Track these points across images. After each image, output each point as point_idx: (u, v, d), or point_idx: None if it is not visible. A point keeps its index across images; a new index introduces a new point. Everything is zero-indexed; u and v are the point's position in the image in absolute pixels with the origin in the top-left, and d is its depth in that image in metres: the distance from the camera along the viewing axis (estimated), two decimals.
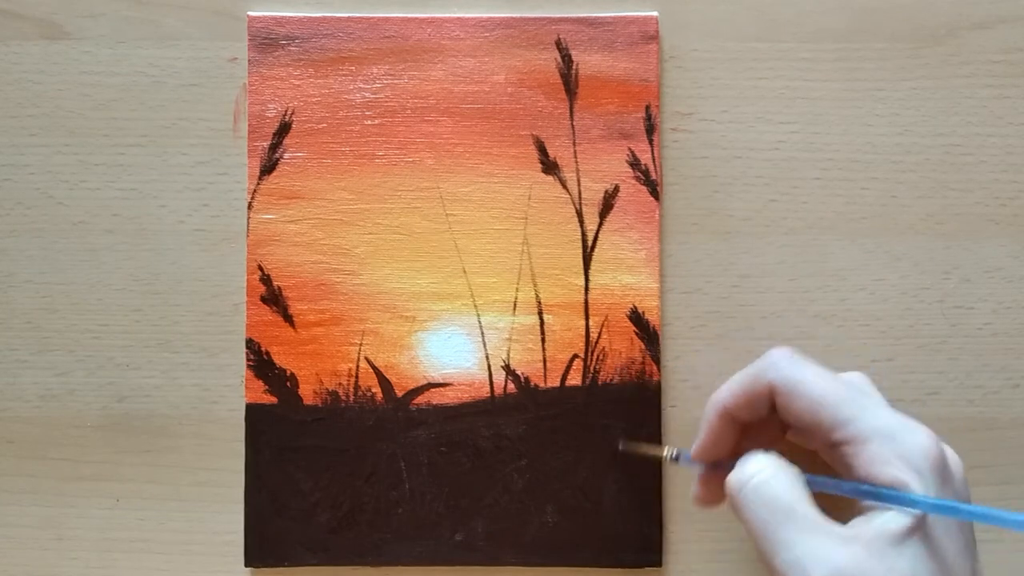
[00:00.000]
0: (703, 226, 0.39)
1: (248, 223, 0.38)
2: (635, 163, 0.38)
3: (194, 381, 0.38)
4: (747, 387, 0.32)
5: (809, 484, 0.30)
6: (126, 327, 0.38)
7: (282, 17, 0.38)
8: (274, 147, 0.38)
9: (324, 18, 0.38)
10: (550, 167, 0.38)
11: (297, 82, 0.38)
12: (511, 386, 0.38)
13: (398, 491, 0.37)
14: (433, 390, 0.38)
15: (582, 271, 0.38)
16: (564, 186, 0.38)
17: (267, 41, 0.38)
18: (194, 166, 0.39)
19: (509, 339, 0.38)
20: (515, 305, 0.38)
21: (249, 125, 0.38)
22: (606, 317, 0.38)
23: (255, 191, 0.38)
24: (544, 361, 0.38)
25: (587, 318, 0.38)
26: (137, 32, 0.39)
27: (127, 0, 0.39)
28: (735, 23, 0.39)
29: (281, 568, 0.37)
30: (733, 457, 0.32)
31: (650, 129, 0.38)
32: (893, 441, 0.29)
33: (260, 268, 0.38)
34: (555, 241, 0.38)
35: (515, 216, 0.38)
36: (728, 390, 0.32)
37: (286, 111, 0.38)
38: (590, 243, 0.38)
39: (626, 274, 0.38)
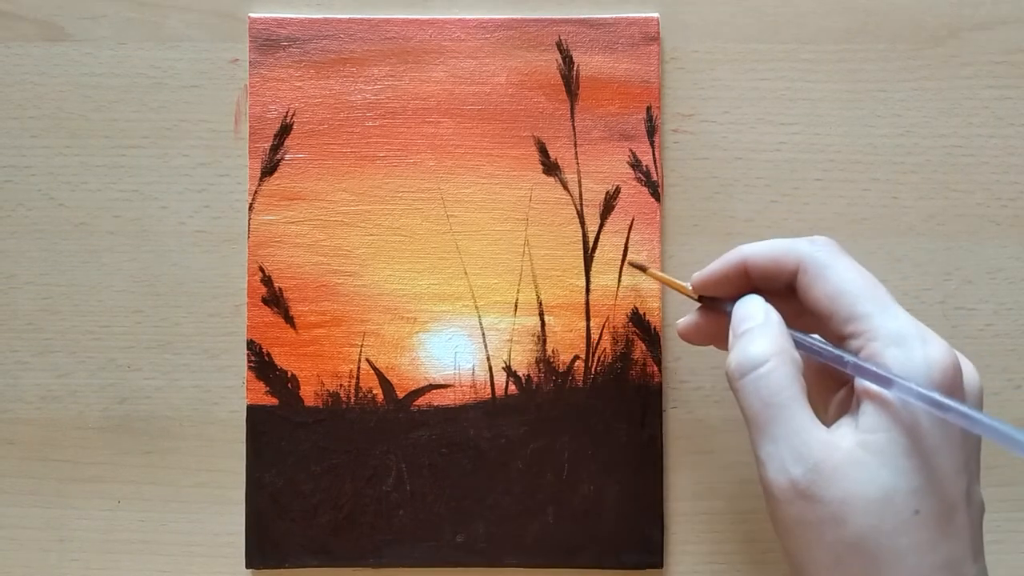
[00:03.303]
0: (704, 227, 0.39)
1: (249, 224, 0.38)
2: (636, 164, 0.38)
3: (195, 382, 0.38)
4: (776, 252, 0.31)
5: (800, 343, 0.30)
6: (127, 328, 0.38)
7: (283, 19, 0.38)
8: (275, 148, 0.38)
9: (325, 20, 0.38)
10: (551, 168, 0.38)
11: (298, 83, 0.38)
12: (512, 387, 0.38)
13: (399, 492, 0.37)
14: (434, 391, 0.38)
15: (583, 272, 0.38)
16: (565, 187, 0.38)
17: (268, 43, 0.38)
18: (195, 167, 0.39)
19: (510, 340, 0.38)
20: (516, 306, 0.38)
21: (250, 126, 0.38)
22: (607, 318, 0.38)
23: (256, 192, 0.38)
24: (545, 362, 0.38)
25: (588, 319, 0.38)
26: (138, 34, 0.39)
27: (128, 2, 0.39)
28: (736, 24, 0.39)
29: (282, 569, 0.37)
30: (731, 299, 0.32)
31: (651, 130, 0.38)
32: (902, 346, 0.28)
33: (261, 269, 0.38)
34: (556, 242, 0.38)
35: (516, 217, 0.38)
36: (759, 245, 0.32)
37: (287, 112, 0.38)
38: (591, 244, 0.38)
39: (627, 275, 0.38)
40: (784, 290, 0.31)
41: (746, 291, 0.32)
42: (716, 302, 0.33)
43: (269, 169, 0.38)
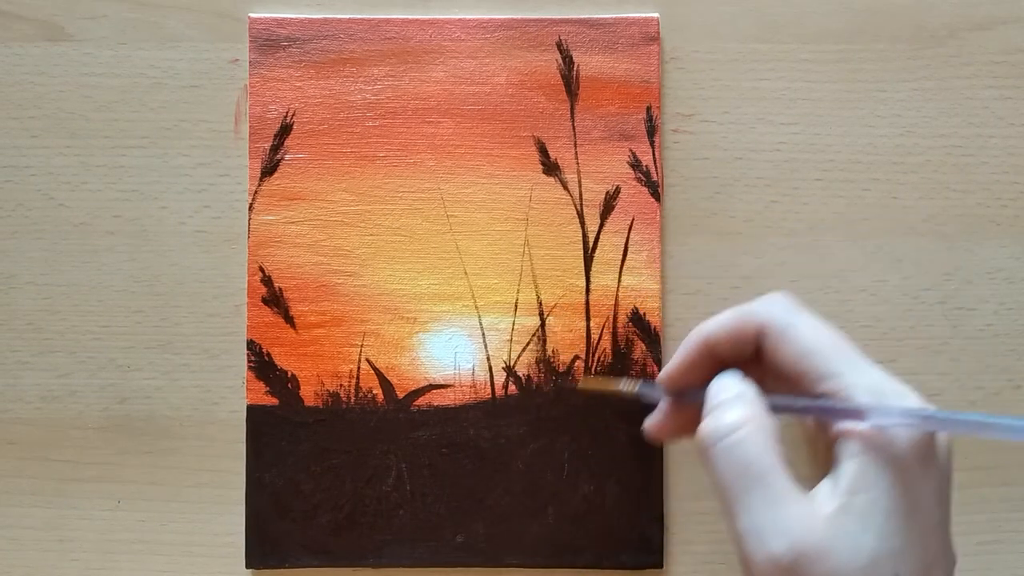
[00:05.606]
0: (704, 227, 0.39)
1: (249, 224, 0.38)
2: (636, 164, 0.38)
3: (195, 382, 0.38)
4: (736, 322, 0.31)
5: (775, 408, 0.29)
6: (127, 328, 0.38)
7: (283, 19, 0.38)
8: (275, 148, 0.38)
9: (325, 20, 0.38)
10: (551, 168, 0.38)
11: (298, 83, 0.38)
12: (512, 387, 0.38)
13: (399, 493, 0.37)
14: (434, 391, 0.38)
15: (583, 272, 0.38)
16: (565, 187, 0.38)
17: (268, 43, 0.38)
18: (195, 167, 0.39)
19: (510, 340, 0.38)
20: (516, 306, 0.38)
21: (250, 126, 0.38)
22: (607, 318, 0.38)
23: (256, 192, 0.38)
24: (545, 362, 0.38)
25: (588, 319, 0.38)
26: (138, 34, 0.39)
27: (128, 2, 0.39)
28: (736, 24, 0.39)
29: (282, 569, 0.37)
30: (703, 386, 0.31)
31: (651, 130, 0.38)
32: (880, 399, 0.27)
33: (261, 269, 0.38)
34: (556, 242, 0.38)
35: (516, 217, 0.38)
36: (715, 321, 0.31)
37: (287, 112, 0.38)
38: (591, 244, 0.38)
39: (627, 275, 0.38)
40: (753, 358, 0.31)
41: (714, 374, 0.31)
42: (684, 395, 0.32)
43: (269, 169, 0.38)
